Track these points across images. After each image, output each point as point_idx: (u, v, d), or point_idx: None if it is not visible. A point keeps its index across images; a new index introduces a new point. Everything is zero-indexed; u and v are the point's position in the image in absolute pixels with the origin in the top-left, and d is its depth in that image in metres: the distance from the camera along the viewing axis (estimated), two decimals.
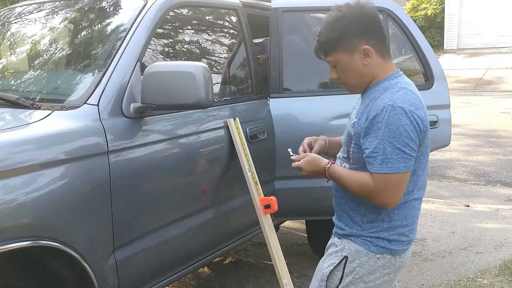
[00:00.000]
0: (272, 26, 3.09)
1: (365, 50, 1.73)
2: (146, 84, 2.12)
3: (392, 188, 1.69)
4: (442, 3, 18.77)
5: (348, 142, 1.81)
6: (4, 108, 2.12)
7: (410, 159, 1.68)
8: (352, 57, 1.74)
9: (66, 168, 1.86)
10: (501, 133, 8.53)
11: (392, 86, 1.74)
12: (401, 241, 1.80)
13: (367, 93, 1.81)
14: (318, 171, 1.86)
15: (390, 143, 1.65)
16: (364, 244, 1.80)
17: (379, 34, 1.77)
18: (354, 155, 1.79)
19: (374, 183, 1.69)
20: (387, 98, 1.69)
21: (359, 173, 1.77)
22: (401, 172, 1.67)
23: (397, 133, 1.64)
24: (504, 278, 3.42)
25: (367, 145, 1.70)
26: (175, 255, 2.41)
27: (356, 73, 1.77)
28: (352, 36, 1.72)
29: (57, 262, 1.94)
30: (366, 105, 1.76)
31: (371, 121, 1.68)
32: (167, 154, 2.35)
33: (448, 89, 3.22)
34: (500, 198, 5.41)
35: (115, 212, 2.03)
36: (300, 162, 1.89)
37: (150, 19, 2.43)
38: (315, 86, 3.36)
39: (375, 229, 1.79)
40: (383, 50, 1.78)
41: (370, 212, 1.80)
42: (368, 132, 1.70)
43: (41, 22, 2.91)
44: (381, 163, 1.67)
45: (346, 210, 1.86)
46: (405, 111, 1.65)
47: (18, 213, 1.69)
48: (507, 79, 14.66)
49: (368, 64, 1.75)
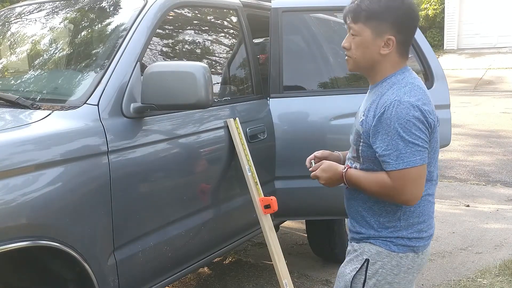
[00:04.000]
0: (272, 26, 3.09)
1: (389, 40, 1.70)
2: (146, 84, 2.12)
3: (412, 183, 1.66)
4: (442, 3, 18.78)
5: (357, 141, 1.78)
6: (4, 108, 2.12)
7: (424, 151, 1.66)
8: (375, 39, 1.71)
9: (66, 168, 1.86)
10: (501, 133, 8.53)
11: (398, 81, 1.72)
12: (421, 238, 1.78)
13: (374, 89, 1.79)
14: (335, 178, 1.83)
15: (402, 138, 1.63)
16: (385, 245, 1.76)
17: (409, 35, 1.76)
18: (364, 154, 1.76)
19: (393, 181, 1.66)
20: (393, 94, 1.67)
21: (376, 174, 1.73)
22: (418, 165, 1.65)
23: (406, 127, 1.62)
24: (504, 278, 3.41)
25: (378, 143, 1.68)
26: (175, 255, 2.41)
27: (368, 54, 1.73)
28: (389, 21, 1.69)
29: (57, 262, 1.94)
30: (372, 101, 1.74)
31: (379, 118, 1.66)
32: (167, 154, 2.35)
33: (448, 89, 3.22)
34: (500, 198, 5.41)
35: (115, 212, 2.03)
36: (317, 171, 1.87)
37: (150, 19, 2.43)
38: (315, 86, 3.35)
39: (393, 229, 1.76)
40: (404, 51, 1.77)
41: (385, 212, 1.77)
42: (377, 130, 1.67)
43: (41, 22, 2.91)
44: (396, 159, 1.64)
45: (361, 211, 1.82)
46: (412, 105, 1.63)
47: (18, 213, 1.69)
48: (507, 79, 14.67)
49: (384, 55, 1.72)
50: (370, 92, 1.82)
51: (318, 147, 3.03)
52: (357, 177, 1.77)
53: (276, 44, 3.07)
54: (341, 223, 3.61)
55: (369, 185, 1.73)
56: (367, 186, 1.74)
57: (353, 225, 1.87)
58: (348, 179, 1.79)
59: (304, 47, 3.44)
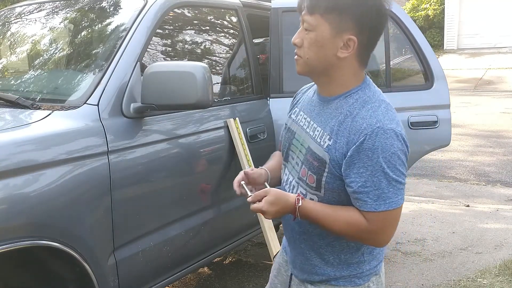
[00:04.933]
0: (272, 26, 3.09)
1: (350, 40, 1.41)
2: (146, 84, 2.12)
3: (390, 226, 1.42)
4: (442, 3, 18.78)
5: (320, 169, 1.45)
6: (4, 108, 2.12)
7: (404, 189, 1.42)
8: (333, 37, 1.40)
9: (66, 168, 1.86)
10: (501, 133, 8.54)
11: (370, 99, 1.44)
12: (379, 260, 1.60)
13: (333, 103, 1.48)
14: (285, 211, 1.47)
15: (385, 175, 1.36)
16: (349, 282, 1.54)
17: (373, 39, 1.46)
18: (328, 186, 1.45)
19: (369, 222, 1.39)
20: (371, 117, 1.38)
21: (345, 211, 1.43)
22: (399, 207, 1.40)
23: (391, 162, 1.36)
24: (504, 278, 3.41)
25: (354, 177, 1.38)
26: (175, 255, 2.41)
27: (322, 55, 1.43)
28: (353, 17, 1.39)
29: (57, 262, 1.93)
30: (338, 121, 1.43)
31: (358, 148, 1.36)
32: (167, 154, 2.35)
33: (448, 89, 3.22)
34: (500, 198, 5.41)
35: (115, 212, 2.03)
36: (262, 204, 1.45)
37: (150, 19, 2.43)
38: None
39: (356, 266, 1.53)
40: (365, 57, 1.47)
41: (348, 248, 1.52)
42: (353, 161, 1.38)
43: (41, 22, 2.91)
44: (377, 199, 1.37)
45: (317, 248, 1.54)
46: (396, 134, 1.37)
47: (18, 213, 1.69)
48: (507, 79, 14.67)
49: (341, 58, 1.42)
50: (325, 105, 1.50)
51: None
52: (317, 212, 1.45)
53: (276, 44, 3.07)
54: None
55: (335, 224, 1.44)
56: (331, 224, 1.44)
57: (304, 264, 1.59)
58: (304, 215, 1.46)
59: None
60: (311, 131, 1.50)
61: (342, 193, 1.45)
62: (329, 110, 1.48)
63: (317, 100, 1.54)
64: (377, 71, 3.71)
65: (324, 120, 1.48)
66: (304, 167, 1.51)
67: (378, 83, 3.63)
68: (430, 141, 3.15)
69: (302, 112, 1.59)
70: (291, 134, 1.61)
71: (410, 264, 3.77)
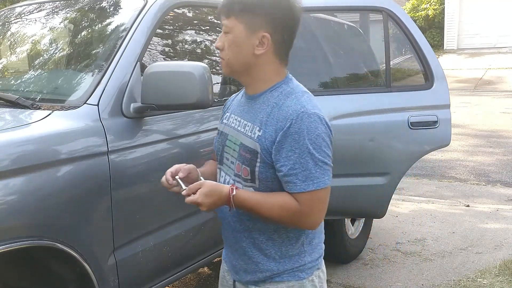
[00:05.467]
0: None
1: (264, 38, 1.50)
2: (146, 84, 2.12)
3: (320, 206, 1.49)
4: (442, 3, 18.80)
5: (252, 161, 1.52)
6: (4, 108, 2.12)
7: (331, 170, 1.49)
8: (249, 36, 1.50)
9: (66, 168, 1.86)
10: (501, 133, 8.54)
11: (293, 90, 1.53)
12: (321, 254, 1.66)
13: (259, 99, 1.56)
14: (220, 202, 1.52)
15: (311, 156, 1.44)
16: (293, 276, 1.58)
17: (288, 35, 1.54)
18: (262, 176, 1.51)
19: (300, 204, 1.46)
20: (296, 104, 1.48)
21: (276, 196, 1.50)
22: (327, 186, 1.47)
23: (316, 143, 1.44)
24: (504, 278, 3.42)
25: (283, 161, 1.45)
26: (175, 255, 2.41)
27: (241, 55, 1.52)
28: (265, 15, 1.49)
29: (57, 262, 1.94)
30: (267, 114, 1.51)
31: (285, 133, 1.45)
32: (167, 154, 2.35)
33: (448, 89, 3.22)
34: (500, 198, 5.41)
35: (115, 212, 2.03)
36: (197, 196, 1.51)
37: (150, 19, 2.43)
38: (315, 86, 3.35)
39: (298, 257, 1.58)
40: (283, 54, 1.56)
41: (288, 239, 1.57)
42: (282, 146, 1.45)
43: (41, 22, 2.91)
44: (305, 179, 1.44)
45: (258, 244, 1.58)
46: (319, 117, 1.46)
47: (18, 213, 1.69)
48: (507, 79, 14.68)
49: (259, 56, 1.51)
50: (252, 102, 1.58)
51: None
52: (251, 200, 1.50)
53: None
54: (341, 223, 3.61)
55: (269, 209, 1.49)
56: (265, 210, 1.49)
57: (247, 263, 1.62)
58: (238, 204, 1.51)
59: (304, 47, 3.44)
60: (242, 128, 1.58)
61: (275, 181, 1.51)
62: (257, 105, 1.56)
63: (245, 99, 1.63)
64: (377, 71, 3.71)
65: (253, 115, 1.56)
66: (238, 162, 1.57)
67: (378, 83, 3.65)
68: (430, 141, 3.15)
69: (233, 114, 1.67)
70: (224, 137, 1.67)
71: (410, 264, 3.77)
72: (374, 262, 3.85)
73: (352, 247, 3.82)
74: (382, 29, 3.11)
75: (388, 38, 3.18)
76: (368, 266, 3.79)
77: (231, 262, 1.69)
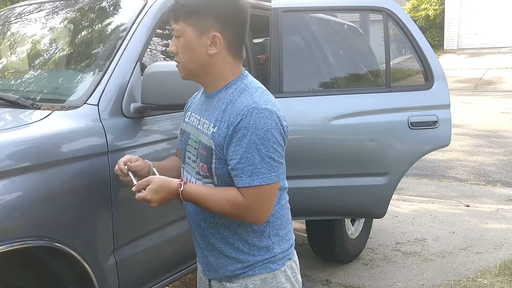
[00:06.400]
0: (272, 26, 3.08)
1: (215, 37, 1.52)
2: (146, 84, 2.12)
3: (265, 202, 1.51)
4: (442, 4, 18.80)
5: (208, 158, 1.56)
6: (4, 108, 2.12)
7: (280, 167, 1.52)
8: (200, 38, 1.52)
9: (66, 168, 1.86)
10: (501, 133, 8.54)
11: (247, 86, 1.56)
12: (290, 243, 1.68)
13: (216, 97, 1.60)
14: (170, 197, 1.55)
15: (258, 151, 1.46)
16: (265, 269, 1.61)
17: (238, 31, 1.57)
18: (219, 172, 1.55)
19: (245, 198, 1.49)
20: (248, 100, 1.50)
21: (224, 190, 1.54)
22: (273, 183, 1.50)
23: (265, 138, 1.46)
24: (504, 278, 3.42)
25: (231, 155, 1.49)
26: (175, 255, 2.41)
27: (195, 57, 1.55)
28: (211, 15, 1.51)
29: (57, 262, 1.93)
30: (222, 111, 1.55)
31: (235, 127, 1.48)
32: (167, 154, 2.34)
33: (448, 89, 3.22)
34: (500, 198, 5.41)
35: (115, 212, 2.03)
36: (145, 193, 1.53)
37: (150, 19, 2.42)
38: (315, 86, 3.36)
39: (266, 249, 1.61)
40: (237, 50, 1.58)
41: (253, 232, 1.60)
42: (231, 140, 1.49)
43: (41, 22, 2.91)
44: (251, 174, 1.47)
45: (225, 239, 1.61)
46: (271, 112, 1.48)
47: (18, 213, 1.69)
48: (507, 79, 14.68)
49: (214, 55, 1.54)
50: (210, 100, 1.62)
51: (318, 147, 3.03)
52: (199, 193, 1.54)
53: (276, 44, 3.07)
54: (341, 223, 3.61)
55: (216, 203, 1.53)
56: (212, 204, 1.53)
57: (218, 259, 1.65)
58: (187, 198, 1.55)
59: (304, 47, 3.44)
60: (201, 126, 1.62)
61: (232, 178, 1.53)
62: (213, 103, 1.60)
63: (204, 98, 1.67)
64: (377, 71, 3.71)
65: (211, 112, 1.59)
66: (198, 160, 1.61)
67: (378, 83, 3.65)
68: (430, 141, 3.15)
69: (193, 113, 1.71)
70: (186, 136, 1.71)
71: (410, 264, 3.77)
72: (374, 262, 3.85)
73: (352, 247, 3.82)
74: (382, 29, 3.11)
75: (388, 38, 3.18)
76: (368, 266, 3.79)
77: (203, 261, 1.72)
